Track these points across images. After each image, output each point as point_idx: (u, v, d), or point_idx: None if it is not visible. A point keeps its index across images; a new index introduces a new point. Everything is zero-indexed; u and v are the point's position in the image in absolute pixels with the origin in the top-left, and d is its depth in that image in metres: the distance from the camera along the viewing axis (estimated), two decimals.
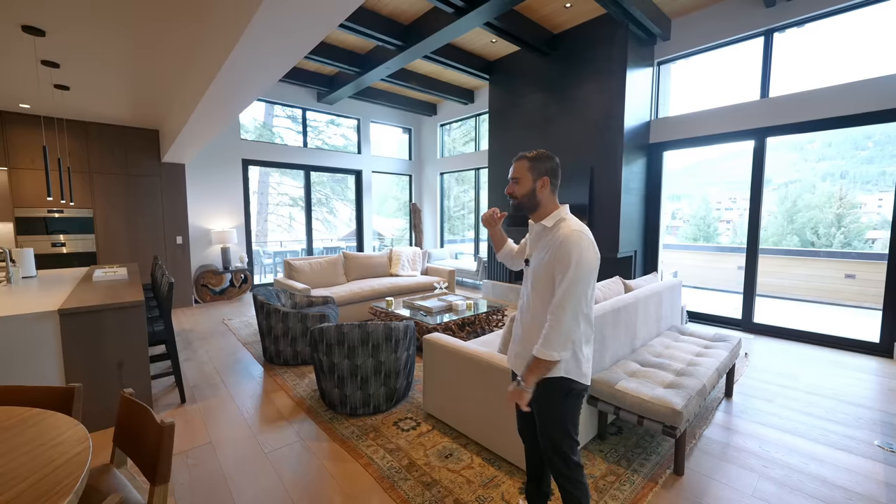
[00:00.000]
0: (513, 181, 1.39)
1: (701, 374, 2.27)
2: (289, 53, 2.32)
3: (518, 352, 1.46)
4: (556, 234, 1.31)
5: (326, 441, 2.34)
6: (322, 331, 2.54)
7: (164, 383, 3.13)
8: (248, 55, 2.27)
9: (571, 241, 1.27)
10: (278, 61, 2.41)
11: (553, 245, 1.30)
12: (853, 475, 2.05)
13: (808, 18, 4.00)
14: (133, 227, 5.26)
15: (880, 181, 13.85)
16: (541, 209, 1.39)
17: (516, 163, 1.39)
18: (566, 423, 1.38)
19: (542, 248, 1.36)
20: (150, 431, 1.37)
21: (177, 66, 3.24)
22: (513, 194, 1.40)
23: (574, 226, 1.31)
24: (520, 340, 1.45)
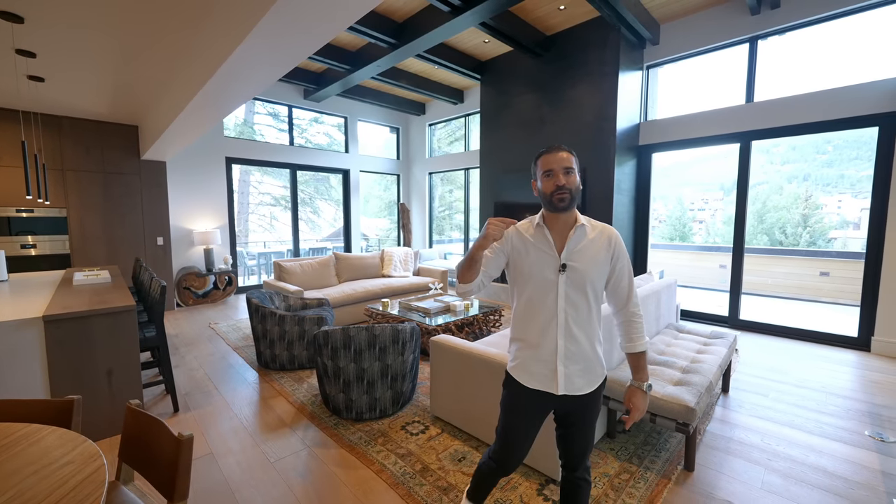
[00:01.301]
0: (565, 171, 1.20)
1: (706, 371, 2.32)
2: (293, 54, 2.24)
3: (582, 369, 1.26)
4: (602, 232, 1.28)
5: (334, 447, 2.27)
6: (327, 334, 2.47)
7: (153, 392, 2.97)
8: (249, 56, 2.19)
9: (619, 235, 1.30)
10: (281, 61, 2.33)
11: (605, 242, 1.27)
12: (851, 465, 2.13)
13: (789, 27, 4.17)
14: (110, 227, 4.99)
15: (839, 183, 14.64)
16: (575, 208, 1.27)
17: (563, 153, 1.22)
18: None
19: (586, 249, 1.24)
20: (165, 445, 1.28)
21: (167, 62, 3.09)
22: (566, 186, 1.19)
23: (598, 221, 1.33)
24: (578, 358, 1.25)
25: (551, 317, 1.24)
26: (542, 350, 1.26)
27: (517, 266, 1.30)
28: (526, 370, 1.29)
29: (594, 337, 1.28)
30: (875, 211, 3.83)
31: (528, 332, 1.29)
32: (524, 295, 1.29)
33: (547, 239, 1.26)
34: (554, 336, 1.24)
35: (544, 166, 1.23)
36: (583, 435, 1.33)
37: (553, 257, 1.25)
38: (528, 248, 1.28)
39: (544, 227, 1.27)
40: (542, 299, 1.25)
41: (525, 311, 1.29)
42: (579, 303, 1.24)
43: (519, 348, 1.32)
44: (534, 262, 1.26)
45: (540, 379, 1.27)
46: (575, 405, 1.28)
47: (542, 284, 1.25)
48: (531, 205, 5.54)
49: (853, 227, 12.81)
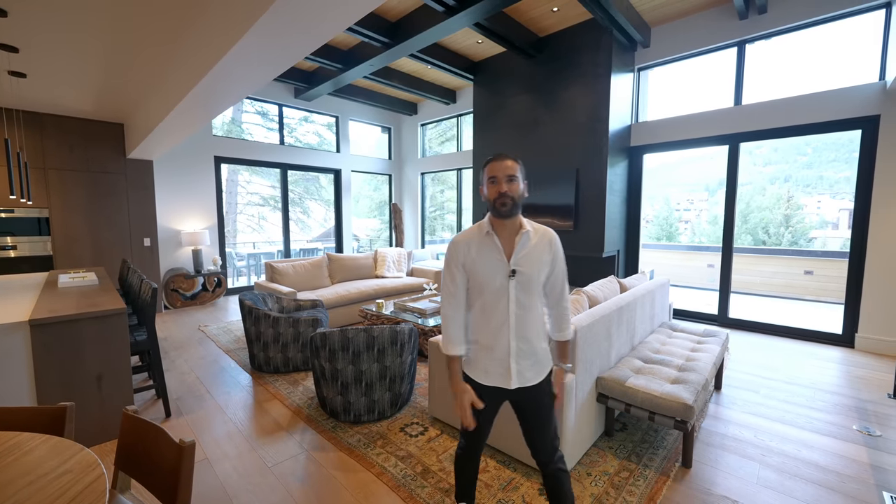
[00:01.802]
0: (508, 179, 1.28)
1: (701, 369, 2.35)
2: (290, 54, 2.20)
3: (531, 363, 1.37)
4: (544, 236, 1.38)
5: (333, 451, 2.24)
6: (325, 336, 2.43)
7: (143, 397, 2.90)
8: (244, 56, 2.14)
9: (557, 237, 1.42)
10: (277, 62, 2.29)
11: (546, 245, 1.37)
12: (842, 459, 2.19)
13: (775, 32, 4.27)
14: (95, 228, 4.85)
15: (819, 184, 15.07)
16: (519, 214, 1.35)
17: (509, 161, 1.30)
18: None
19: (531, 253, 1.33)
20: (165, 453, 1.26)
21: (157, 61, 3.02)
22: (508, 193, 1.28)
23: (538, 224, 1.42)
24: (529, 353, 1.36)
25: (503, 320, 1.33)
26: (497, 350, 1.35)
27: (473, 275, 1.36)
28: (482, 369, 1.39)
29: (541, 333, 1.40)
30: (858, 211, 3.94)
31: (482, 335, 1.37)
32: (479, 300, 1.37)
33: (497, 246, 1.33)
34: (507, 337, 1.34)
35: (489, 173, 1.31)
36: (542, 419, 1.43)
37: (503, 263, 1.32)
38: (480, 256, 1.34)
39: (493, 234, 1.33)
40: (494, 304, 1.34)
41: (479, 315, 1.37)
42: (527, 304, 1.34)
43: (475, 349, 1.40)
44: (487, 269, 1.33)
45: (495, 377, 1.38)
46: (527, 394, 1.40)
47: (495, 290, 1.33)
48: (528, 205, 5.53)
49: (832, 227, 13.20)
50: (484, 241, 1.34)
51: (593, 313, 2.24)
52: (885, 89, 3.67)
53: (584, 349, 2.07)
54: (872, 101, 3.75)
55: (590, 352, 2.15)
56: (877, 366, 3.51)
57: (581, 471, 2.06)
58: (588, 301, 2.66)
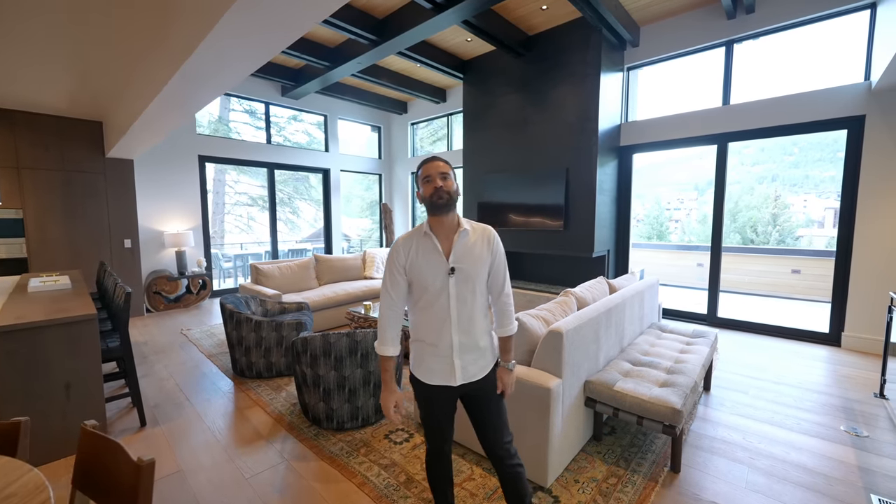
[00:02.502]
0: (442, 176, 1.35)
1: (690, 372, 2.32)
2: (265, 48, 2.11)
3: (475, 358, 1.41)
4: (483, 233, 1.42)
5: (314, 460, 2.17)
6: (306, 341, 2.36)
7: (119, 405, 2.79)
8: (217, 50, 2.05)
9: (496, 234, 1.45)
10: (252, 56, 2.20)
11: (485, 242, 1.41)
12: (829, 461, 2.17)
13: (763, 32, 4.28)
14: (72, 229, 4.70)
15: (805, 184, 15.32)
16: (455, 211, 1.40)
17: (439, 162, 1.37)
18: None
19: (470, 250, 1.38)
20: (124, 471, 1.17)
21: (130, 53, 2.90)
22: (443, 188, 1.33)
23: (477, 223, 1.46)
24: (472, 348, 1.40)
25: (445, 317, 1.36)
26: (440, 347, 1.38)
27: (413, 276, 1.38)
28: (426, 368, 1.41)
29: (483, 328, 1.43)
30: (844, 211, 3.96)
31: (425, 333, 1.40)
32: (420, 300, 1.39)
33: (435, 246, 1.36)
34: (449, 334, 1.37)
35: (423, 174, 1.36)
36: (492, 415, 1.46)
37: (442, 262, 1.35)
38: (420, 257, 1.37)
39: (431, 234, 1.37)
40: (435, 302, 1.36)
41: (422, 314, 1.39)
42: (468, 300, 1.38)
43: (419, 348, 1.43)
44: (426, 269, 1.36)
45: (439, 374, 1.40)
46: (474, 389, 1.43)
47: (436, 289, 1.35)
48: (517, 205, 5.52)
49: (818, 226, 13.42)
50: (423, 242, 1.38)
51: (580, 315, 2.20)
52: (871, 89, 3.69)
53: (570, 352, 2.03)
54: (858, 102, 3.77)
55: (577, 355, 2.10)
56: (863, 364, 3.53)
57: (568, 477, 2.01)
58: (576, 303, 2.62)
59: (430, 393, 1.43)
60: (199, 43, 1.92)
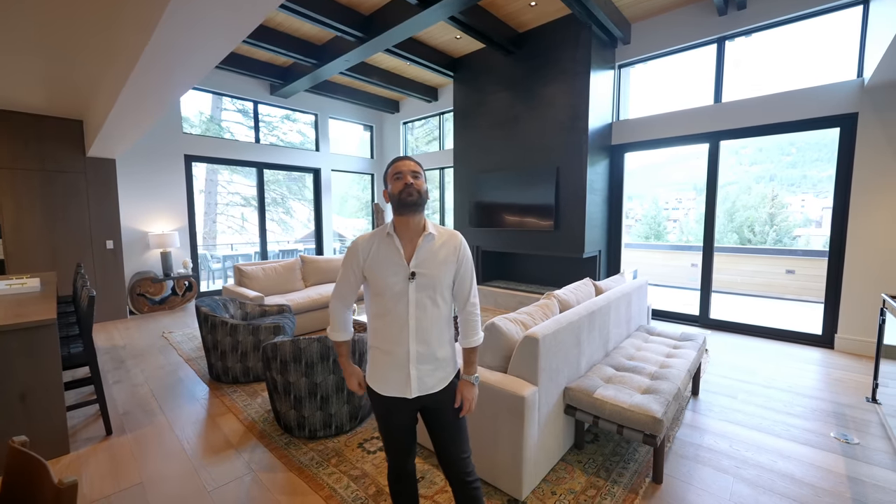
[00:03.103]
0: (413, 174, 1.29)
1: (674, 377, 2.24)
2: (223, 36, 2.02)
3: (432, 369, 1.32)
4: (450, 239, 1.35)
5: (281, 471, 2.08)
6: (275, 346, 2.27)
7: (87, 412, 2.70)
8: (170, 41, 1.96)
9: (464, 240, 1.38)
10: (212, 44, 2.10)
11: (451, 248, 1.34)
12: (818, 470, 2.09)
13: (756, 28, 4.20)
14: (52, 230, 4.59)
15: (802, 183, 15.27)
16: (423, 213, 1.33)
17: (411, 161, 1.32)
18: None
19: (434, 255, 1.31)
20: (46, 493, 1.08)
21: (97, 47, 2.81)
22: (413, 185, 1.27)
23: (444, 227, 1.39)
24: (429, 359, 1.32)
25: (403, 324, 1.29)
26: (397, 356, 1.30)
27: (371, 278, 1.32)
28: (382, 378, 1.33)
29: (444, 338, 1.35)
30: (837, 210, 3.89)
31: (382, 340, 1.32)
32: (378, 305, 1.31)
33: (396, 248, 1.29)
34: (406, 342, 1.29)
35: (394, 172, 1.29)
36: (449, 430, 1.37)
37: (402, 266, 1.28)
38: (379, 258, 1.30)
39: (394, 236, 1.30)
40: (393, 307, 1.29)
41: (378, 320, 1.32)
42: (429, 307, 1.30)
43: (375, 355, 1.35)
44: (385, 272, 1.29)
45: (394, 385, 1.31)
46: (432, 402, 1.35)
47: (394, 293, 1.28)
48: (508, 205, 5.44)
49: (815, 225, 13.37)
50: (384, 243, 1.31)
51: (559, 320, 2.11)
52: (863, 87, 3.61)
53: (548, 359, 1.94)
54: (851, 99, 3.69)
55: (555, 361, 2.02)
56: (856, 367, 3.45)
57: (545, 489, 1.93)
58: (559, 305, 2.53)
59: (387, 405, 1.35)
60: (150, 38, 1.83)
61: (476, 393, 1.40)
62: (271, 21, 4.89)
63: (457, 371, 1.41)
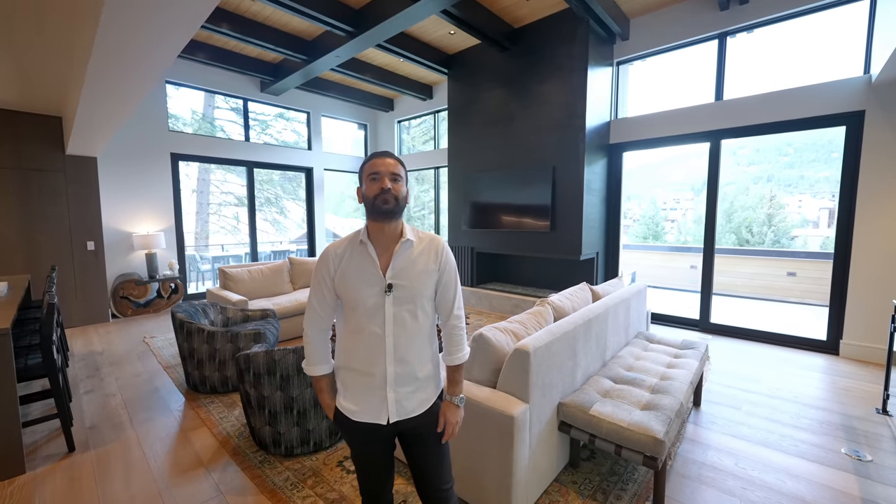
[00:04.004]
0: (392, 177, 1.13)
1: (676, 391, 2.09)
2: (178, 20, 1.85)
3: (412, 390, 1.19)
4: (430, 244, 1.21)
5: (252, 494, 1.92)
6: (248, 358, 2.11)
7: (51, 426, 2.53)
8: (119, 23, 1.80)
9: (446, 245, 1.24)
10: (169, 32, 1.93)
11: (432, 254, 1.20)
12: (829, 492, 1.95)
13: (758, 24, 4.06)
14: (28, 231, 4.41)
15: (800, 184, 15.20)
16: (400, 218, 1.19)
17: (392, 160, 1.15)
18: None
19: (413, 264, 1.17)
20: None
21: (60, 38, 2.64)
22: (391, 190, 1.12)
23: (425, 231, 1.25)
24: (409, 380, 1.17)
25: (379, 342, 1.14)
26: (371, 378, 1.15)
27: (342, 291, 1.16)
28: (354, 402, 1.18)
29: (426, 356, 1.21)
30: (842, 211, 3.75)
31: (354, 360, 1.17)
32: (351, 320, 1.16)
33: (371, 257, 1.14)
34: (383, 362, 1.14)
35: (370, 170, 1.14)
36: (429, 455, 1.24)
37: (378, 277, 1.14)
38: (352, 269, 1.15)
39: (368, 243, 1.15)
40: (368, 324, 1.14)
41: (352, 337, 1.17)
42: (408, 322, 1.16)
43: (346, 378, 1.19)
44: (358, 285, 1.14)
45: (369, 411, 1.16)
46: (411, 426, 1.21)
47: (368, 308, 1.13)
48: (503, 205, 5.29)
49: (812, 226, 13.28)
50: (357, 252, 1.16)
51: (553, 330, 1.96)
52: (871, 83, 3.47)
53: (540, 373, 1.79)
54: (857, 96, 3.56)
55: (548, 375, 1.87)
56: (863, 375, 3.31)
57: None
58: (553, 313, 2.38)
59: (360, 433, 1.19)
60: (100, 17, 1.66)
61: (461, 416, 1.27)
62: (259, 15, 4.72)
63: (440, 391, 1.28)
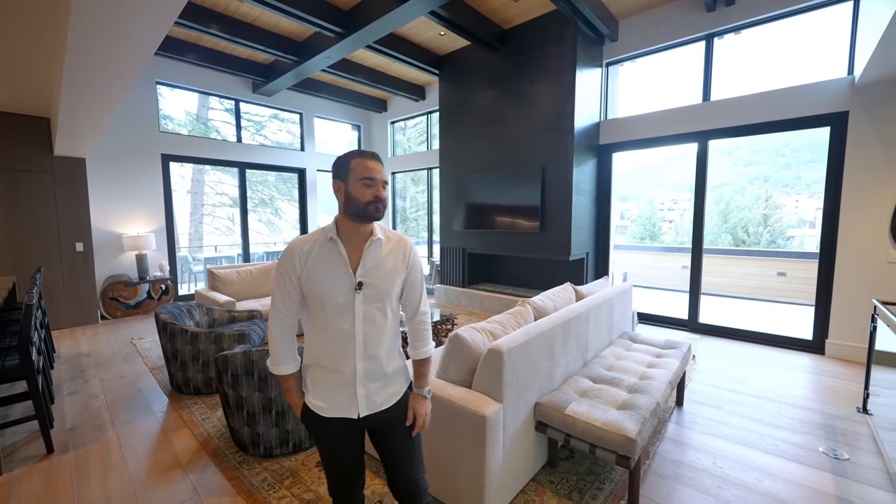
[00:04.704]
0: (384, 185, 1.15)
1: (654, 390, 2.10)
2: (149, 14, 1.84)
3: (381, 385, 1.21)
4: (398, 244, 1.24)
5: (229, 495, 1.92)
6: (226, 359, 2.11)
7: (31, 428, 2.52)
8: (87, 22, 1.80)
9: (413, 246, 1.27)
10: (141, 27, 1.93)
11: (400, 253, 1.23)
12: (805, 490, 1.95)
13: (744, 25, 4.08)
14: (15, 232, 4.40)
15: (797, 184, 15.22)
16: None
17: (381, 165, 1.16)
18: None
19: (382, 262, 1.19)
20: None
21: (44, 40, 2.65)
22: (384, 200, 1.14)
23: (392, 230, 1.27)
24: (378, 375, 1.20)
25: (348, 339, 1.15)
26: (341, 375, 1.16)
27: (309, 289, 1.15)
28: (323, 399, 1.18)
29: (393, 351, 1.24)
30: (827, 211, 3.77)
31: (323, 358, 1.18)
32: (318, 318, 1.16)
33: (341, 255, 1.15)
34: (353, 359, 1.16)
35: (365, 172, 1.13)
36: (400, 450, 1.26)
37: (348, 275, 1.15)
38: (320, 267, 1.14)
39: (338, 241, 1.15)
40: (337, 321, 1.15)
41: (320, 336, 1.17)
42: (377, 320, 1.18)
43: (314, 376, 1.20)
44: (327, 283, 1.14)
45: (338, 406, 1.18)
46: (380, 420, 1.22)
47: (336, 306, 1.14)
48: (494, 206, 5.30)
49: (809, 226, 13.30)
50: (326, 249, 1.15)
51: (529, 330, 1.97)
52: (854, 84, 3.50)
53: (514, 373, 1.80)
54: (841, 97, 3.58)
55: (523, 375, 1.87)
56: (847, 374, 3.33)
57: None
58: (534, 313, 2.39)
59: (329, 429, 1.19)
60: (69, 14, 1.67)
61: (429, 407, 1.29)
62: (248, 16, 4.73)
63: (409, 384, 1.30)
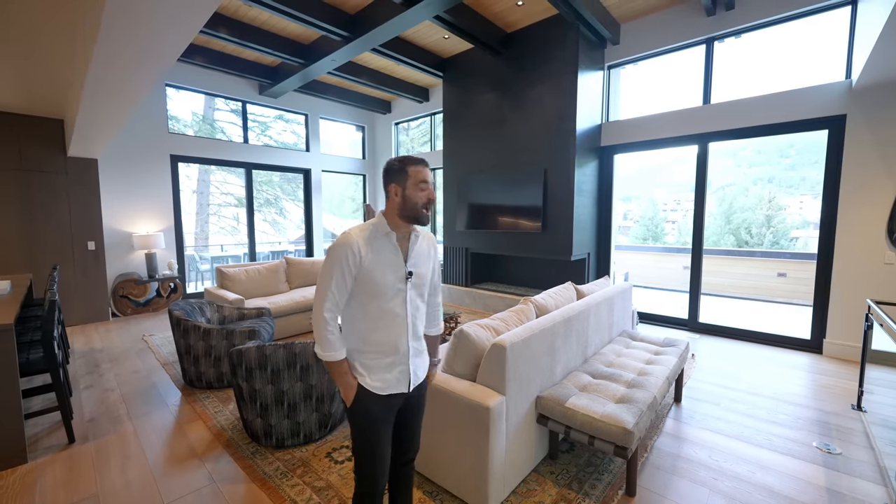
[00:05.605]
0: (432, 188, 1.34)
1: (651, 385, 2.18)
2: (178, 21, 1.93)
3: (422, 361, 1.42)
4: (427, 237, 1.40)
5: (244, 483, 2.01)
6: (241, 353, 2.20)
7: (53, 419, 2.62)
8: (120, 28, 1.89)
9: (434, 237, 1.47)
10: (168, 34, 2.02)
11: (431, 246, 1.42)
12: (797, 482, 2.03)
13: (744, 29, 4.15)
14: (30, 231, 4.52)
15: (801, 185, 15.21)
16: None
17: (430, 170, 1.35)
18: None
19: (422, 254, 1.37)
20: None
21: (63, 45, 2.75)
22: (433, 200, 1.32)
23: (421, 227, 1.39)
24: (420, 352, 1.40)
25: (401, 322, 1.31)
26: (396, 356, 1.31)
27: (369, 279, 1.26)
28: (381, 380, 1.31)
29: (422, 331, 1.44)
30: (826, 213, 3.83)
31: (380, 343, 1.30)
32: (369, 306, 1.28)
33: (395, 247, 1.30)
34: (406, 340, 1.32)
35: (421, 176, 1.27)
36: (420, 415, 1.46)
37: (401, 265, 1.30)
38: (377, 259, 1.27)
39: (394, 235, 1.30)
40: (391, 308, 1.29)
41: (374, 322, 1.29)
42: (419, 304, 1.37)
43: (370, 358, 1.31)
44: (384, 273, 1.27)
45: (394, 384, 1.32)
46: (418, 393, 1.41)
47: (392, 293, 1.28)
48: (497, 206, 5.38)
49: (813, 227, 13.26)
50: (383, 243, 1.29)
51: (531, 326, 2.05)
52: (851, 88, 3.56)
53: (517, 367, 1.88)
54: (839, 101, 3.64)
55: (526, 369, 1.95)
56: (843, 373, 3.39)
57: (514, 501, 1.86)
58: (536, 311, 2.47)
59: (380, 407, 1.30)
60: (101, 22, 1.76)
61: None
62: (256, 20, 4.83)
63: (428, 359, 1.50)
